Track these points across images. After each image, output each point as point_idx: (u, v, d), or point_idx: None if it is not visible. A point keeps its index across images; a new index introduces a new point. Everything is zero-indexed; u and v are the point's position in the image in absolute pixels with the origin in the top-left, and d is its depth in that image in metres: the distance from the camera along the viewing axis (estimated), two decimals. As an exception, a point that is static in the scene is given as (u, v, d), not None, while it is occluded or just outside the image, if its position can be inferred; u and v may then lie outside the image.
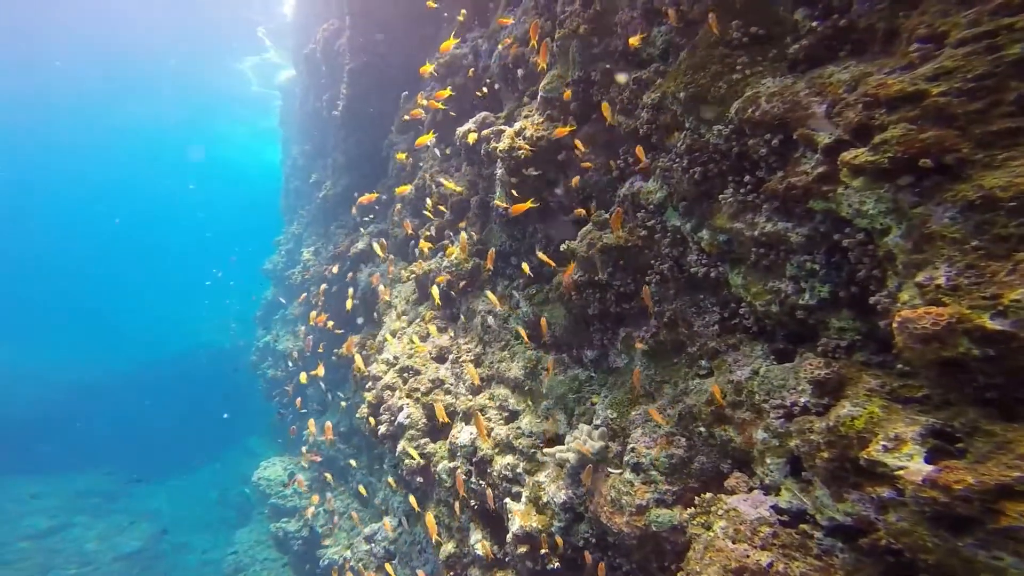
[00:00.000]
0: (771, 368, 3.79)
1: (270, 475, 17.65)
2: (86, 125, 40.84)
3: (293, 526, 15.49)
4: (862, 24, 2.96)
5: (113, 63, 32.25)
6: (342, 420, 15.81)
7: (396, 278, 10.24)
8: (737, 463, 4.17)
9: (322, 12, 15.84)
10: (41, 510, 22.07)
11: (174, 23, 28.70)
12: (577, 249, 5.64)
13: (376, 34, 11.34)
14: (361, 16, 11.73)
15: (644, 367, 5.30)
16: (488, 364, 7.67)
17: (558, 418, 6.51)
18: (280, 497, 16.86)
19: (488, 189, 8.14)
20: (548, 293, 6.89)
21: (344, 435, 15.37)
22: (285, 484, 17.12)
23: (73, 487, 24.64)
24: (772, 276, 3.73)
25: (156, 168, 51.50)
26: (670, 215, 4.70)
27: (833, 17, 3.10)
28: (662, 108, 4.50)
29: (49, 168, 48.11)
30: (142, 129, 42.39)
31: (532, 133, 6.27)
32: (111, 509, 23.39)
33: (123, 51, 31.10)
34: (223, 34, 28.95)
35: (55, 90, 35.11)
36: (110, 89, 35.58)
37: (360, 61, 12.23)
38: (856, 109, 2.71)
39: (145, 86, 35.83)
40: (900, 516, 2.37)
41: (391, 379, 8.68)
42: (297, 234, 22.13)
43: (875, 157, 2.52)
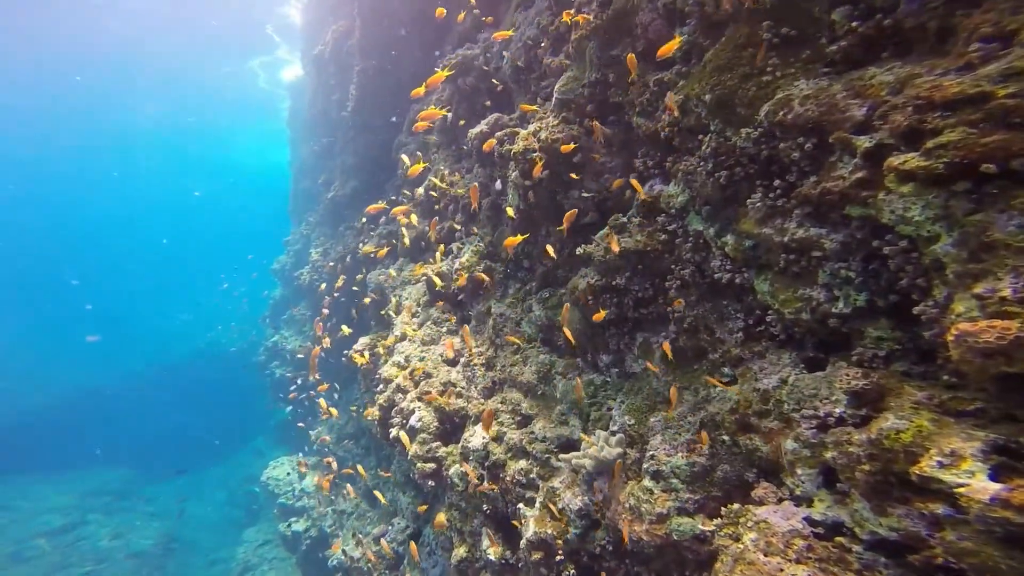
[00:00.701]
0: (801, 377, 3.64)
1: (278, 475, 17.58)
2: (95, 128, 40.87)
3: (301, 526, 15.39)
4: (909, 24, 2.81)
5: (118, 64, 32.21)
6: (350, 422, 15.73)
7: (406, 279, 10.12)
8: (763, 472, 4.03)
9: (332, 13, 15.73)
10: (56, 508, 22.26)
11: (181, 22, 28.59)
12: (594, 253, 5.50)
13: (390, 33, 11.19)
14: (372, 17, 11.60)
15: (663, 373, 5.16)
16: (500, 368, 7.54)
17: (572, 423, 6.37)
18: (289, 496, 16.77)
19: (500, 192, 8.00)
20: (562, 297, 6.76)
21: (352, 435, 15.28)
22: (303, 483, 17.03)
23: (85, 486, 24.76)
24: (802, 283, 3.58)
25: (166, 169, 51.50)
26: (692, 219, 4.56)
27: (877, 17, 2.95)
28: (685, 110, 4.35)
29: (62, 173, 48.18)
30: (151, 130, 42.40)
31: (547, 136, 6.13)
32: (122, 508, 23.49)
33: (128, 52, 31.05)
34: (232, 33, 28.82)
35: (65, 94, 35.16)
36: (117, 91, 35.60)
37: (370, 62, 12.11)
38: (905, 112, 2.57)
39: (152, 87, 35.82)
40: (961, 535, 2.23)
41: (402, 382, 8.56)
42: (306, 235, 22.03)
43: (928, 162, 2.37)
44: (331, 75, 15.62)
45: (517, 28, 7.72)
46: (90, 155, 45.70)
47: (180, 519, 22.95)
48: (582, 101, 5.90)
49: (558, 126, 6.11)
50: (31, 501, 22.81)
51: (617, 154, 5.73)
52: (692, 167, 4.34)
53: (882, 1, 2.93)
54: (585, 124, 5.92)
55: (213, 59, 31.52)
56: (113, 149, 45.48)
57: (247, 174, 50.56)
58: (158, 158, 48.75)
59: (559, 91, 6.16)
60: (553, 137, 6.07)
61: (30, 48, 28.94)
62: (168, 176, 52.90)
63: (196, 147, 45.45)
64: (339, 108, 15.48)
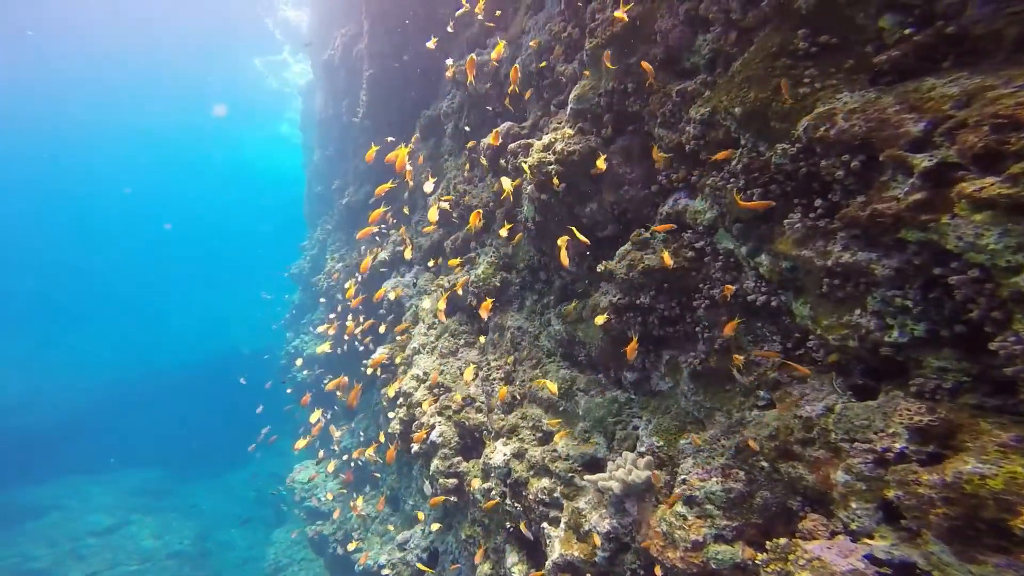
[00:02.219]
0: (850, 406, 3.32)
1: (303, 478, 17.58)
2: (115, 129, 41.16)
3: (328, 529, 15.38)
4: (978, 31, 2.46)
5: (132, 65, 32.32)
6: (370, 426, 15.64)
7: (423, 289, 9.89)
8: (809, 502, 3.72)
9: (340, 18, 15.47)
10: (102, 508, 23.09)
11: (189, 23, 28.49)
12: (616, 271, 5.19)
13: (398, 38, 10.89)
14: (379, 22, 11.32)
15: (692, 393, 4.86)
16: (520, 382, 7.29)
17: (596, 441, 6.10)
18: (314, 500, 16.78)
19: (514, 202, 7.71)
20: (582, 311, 6.46)
21: (373, 437, 15.18)
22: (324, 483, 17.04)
23: (125, 485, 25.44)
24: (848, 309, 3.25)
25: (184, 172, 51.84)
26: (722, 237, 4.23)
27: (937, 23, 2.59)
28: (713, 124, 4.02)
29: (87, 174, 48.77)
30: (169, 131, 42.67)
31: (563, 147, 5.82)
32: (160, 507, 24.05)
33: (142, 53, 31.12)
34: (239, 34, 28.66)
35: (83, 95, 35.42)
36: (132, 92, 35.81)
37: (379, 67, 11.83)
38: (979, 132, 2.23)
39: (167, 90, 36.01)
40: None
41: (421, 396, 8.35)
42: (321, 240, 21.94)
43: (1014, 190, 2.04)
44: (341, 80, 15.38)
45: (527, 33, 7.39)
46: (111, 152, 46.03)
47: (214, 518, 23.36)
48: (599, 111, 5.57)
49: (574, 137, 5.79)
50: (80, 500, 23.69)
51: (637, 165, 5.40)
52: (721, 182, 4.01)
53: (943, 7, 2.58)
54: (604, 134, 5.59)
55: (216, 55, 31.25)
56: (130, 148, 45.73)
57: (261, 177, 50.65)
58: (177, 160, 49.02)
59: (574, 100, 5.83)
60: (569, 149, 5.75)
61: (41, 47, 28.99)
62: (190, 179, 53.28)
63: (207, 147, 45.66)
64: (349, 113, 15.26)
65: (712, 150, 4.12)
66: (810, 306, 3.54)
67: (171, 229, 54.56)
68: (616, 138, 5.52)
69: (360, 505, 11.25)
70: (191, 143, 45.38)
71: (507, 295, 8.01)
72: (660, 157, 4.71)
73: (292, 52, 29.42)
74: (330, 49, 15.35)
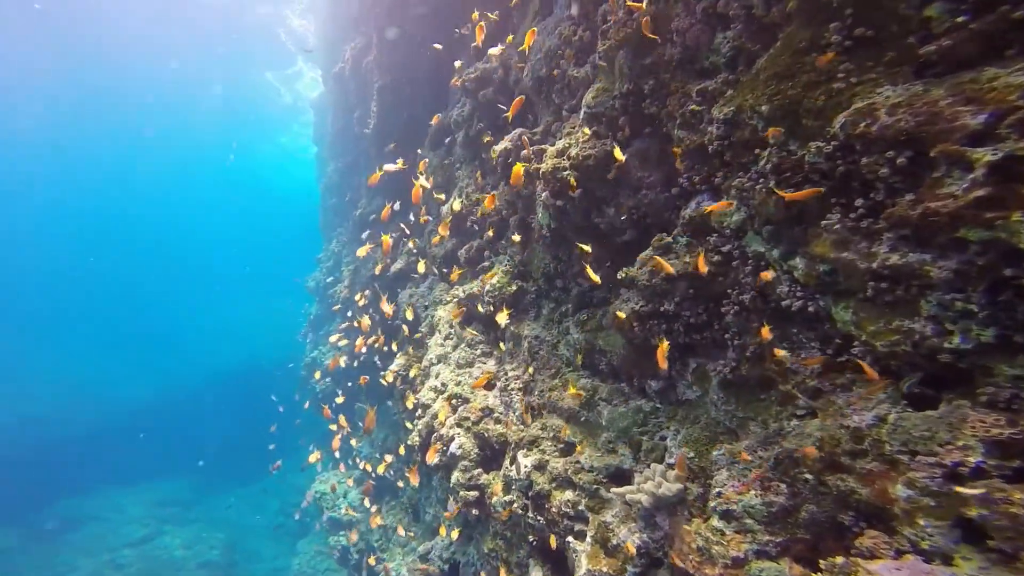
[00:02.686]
0: (906, 416, 3.06)
1: (325, 488, 17.49)
2: (139, 143, 41.78)
3: (349, 540, 15.24)
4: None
5: (150, 80, 32.75)
6: (389, 435, 15.50)
7: (438, 300, 9.73)
8: (864, 516, 3.44)
9: (349, 32, 15.46)
10: (136, 519, 23.54)
11: (207, 38, 28.73)
12: (638, 277, 4.96)
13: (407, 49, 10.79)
14: (387, 40, 11.23)
15: (723, 402, 4.60)
16: (539, 392, 7.06)
17: (622, 452, 5.85)
18: (336, 510, 16.67)
19: (527, 208, 7.51)
20: (601, 319, 6.23)
21: (391, 447, 15.03)
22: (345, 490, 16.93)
23: (156, 496, 25.77)
24: (899, 314, 2.99)
25: (200, 182, 52.33)
26: (751, 240, 3.98)
27: (1001, 9, 2.34)
28: (738, 123, 3.78)
29: (112, 191, 49.52)
30: (191, 144, 43.22)
31: (578, 152, 5.61)
32: (189, 518, 24.32)
33: (162, 71, 31.52)
34: (253, 49, 28.85)
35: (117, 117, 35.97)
36: (151, 108, 36.31)
37: (388, 79, 11.75)
38: (1056, 123, 1.98)
39: (187, 105, 36.47)
40: None
41: (440, 407, 8.16)
42: (336, 252, 21.93)
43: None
44: (351, 92, 15.35)
45: (536, 38, 7.20)
46: (133, 171, 46.71)
47: (240, 528, 23.46)
48: (614, 114, 5.35)
49: (589, 142, 5.58)
50: (115, 512, 24.22)
51: (656, 168, 5.17)
52: (749, 183, 3.77)
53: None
54: (620, 138, 5.37)
55: (232, 71, 31.49)
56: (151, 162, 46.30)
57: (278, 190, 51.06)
58: (194, 171, 49.52)
59: (588, 104, 5.62)
60: (584, 154, 5.54)
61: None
62: (206, 190, 53.81)
63: (228, 160, 46.10)
64: (361, 125, 15.21)
65: (738, 151, 3.88)
66: (853, 311, 3.28)
67: (197, 243, 55.32)
68: (633, 141, 5.30)
69: (378, 519, 11.08)
70: (208, 159, 45.86)
71: (523, 304, 7.80)
72: (678, 152, 4.49)
73: (305, 61, 29.52)
74: (340, 62, 15.34)
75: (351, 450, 16.94)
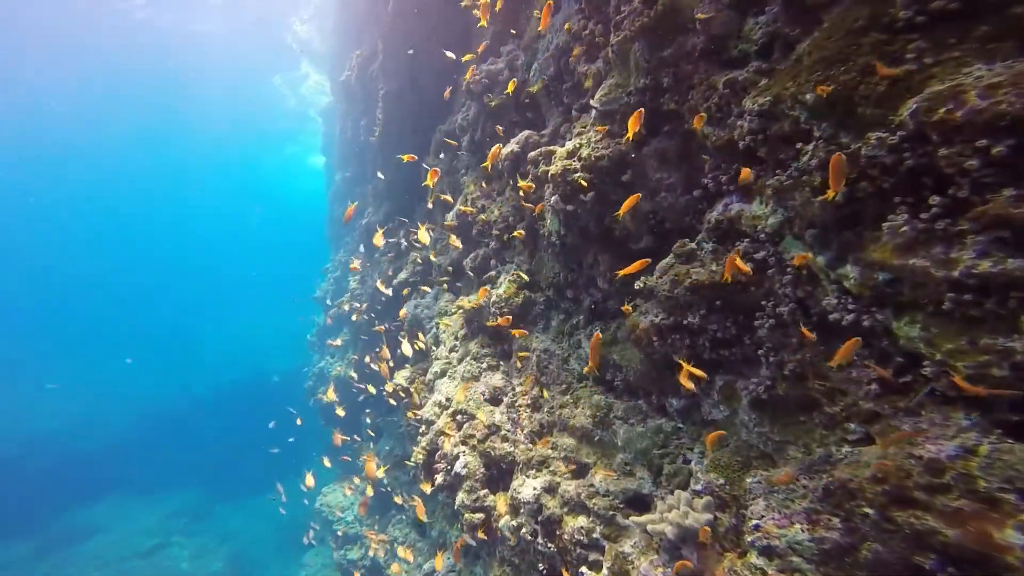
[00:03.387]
0: (1005, 448, 2.51)
1: (331, 501, 16.97)
2: (149, 151, 41.58)
3: (355, 554, 14.69)
4: None
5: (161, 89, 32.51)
6: (396, 446, 14.97)
7: (443, 311, 9.24)
8: (951, 561, 2.87)
9: (356, 40, 15.17)
10: (144, 530, 23.18)
11: (215, 42, 28.40)
12: (658, 288, 4.44)
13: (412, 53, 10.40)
14: (393, 38, 10.86)
15: (756, 423, 4.06)
16: (549, 409, 6.53)
17: (640, 475, 5.30)
18: (342, 524, 16.13)
19: (536, 215, 7.03)
20: (615, 332, 5.71)
21: (398, 461, 14.50)
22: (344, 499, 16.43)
23: (167, 507, 25.34)
24: (986, 330, 2.45)
25: (211, 194, 52.17)
26: (790, 245, 3.46)
27: None
28: (775, 115, 3.27)
29: (117, 201, 49.32)
30: (194, 157, 43.04)
31: (589, 153, 5.12)
32: (197, 529, 23.83)
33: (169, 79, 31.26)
34: (262, 52, 28.46)
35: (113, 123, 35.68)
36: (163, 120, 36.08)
37: (394, 85, 11.36)
38: None
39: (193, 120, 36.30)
40: None
41: (444, 424, 7.64)
42: (344, 262, 21.55)
43: None
44: (358, 100, 15.02)
45: (543, 36, 6.76)
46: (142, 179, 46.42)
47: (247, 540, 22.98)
48: (628, 111, 4.86)
49: (601, 141, 5.10)
50: (126, 522, 23.86)
51: (675, 168, 4.67)
52: (789, 182, 3.26)
53: None
54: (636, 137, 4.88)
55: (242, 76, 31.05)
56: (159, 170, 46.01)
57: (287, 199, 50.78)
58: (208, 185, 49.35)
59: (600, 101, 5.15)
60: (597, 154, 5.06)
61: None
62: (217, 201, 53.65)
63: (243, 168, 45.91)
64: (367, 132, 14.87)
65: (775, 145, 3.37)
66: (921, 326, 2.75)
67: (204, 254, 55.17)
68: (650, 140, 4.81)
69: (375, 544, 10.56)
70: (215, 167, 45.68)
71: (531, 315, 7.29)
72: (707, 146, 3.99)
73: (310, 64, 29.21)
74: (347, 70, 15.02)
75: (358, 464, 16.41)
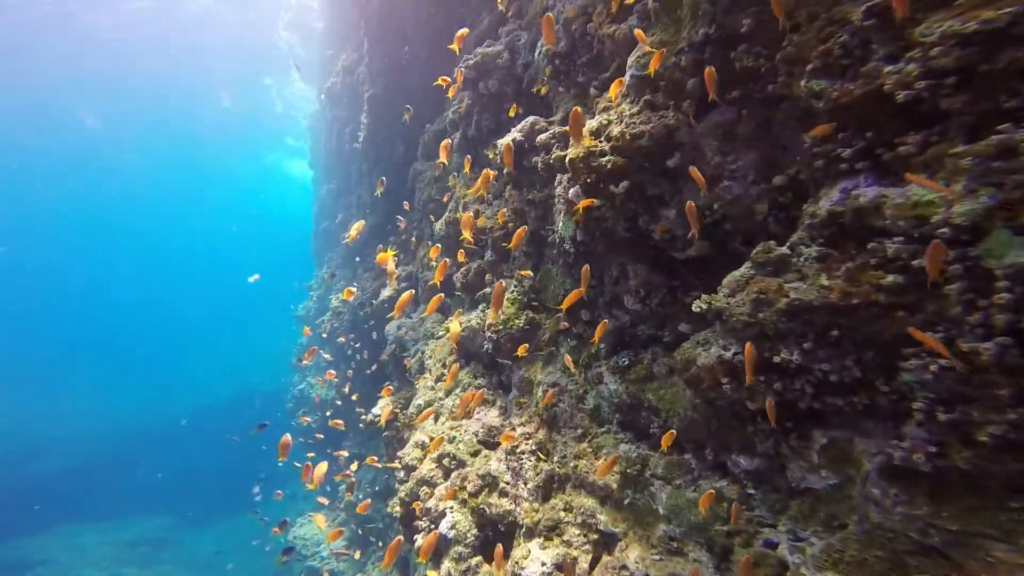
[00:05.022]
0: None
1: (307, 533, 14.98)
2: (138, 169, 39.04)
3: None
4: None
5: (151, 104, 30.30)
6: (377, 477, 13.18)
7: (429, 333, 7.68)
8: None
9: (342, 46, 13.80)
10: (94, 561, 20.19)
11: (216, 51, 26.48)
12: (731, 310, 2.99)
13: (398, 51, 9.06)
14: (379, 35, 9.50)
15: (903, 503, 2.58)
16: (560, 459, 4.99)
17: (695, 556, 3.77)
18: (316, 559, 14.15)
19: (542, 217, 5.59)
20: (651, 365, 4.23)
21: (379, 495, 12.70)
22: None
23: (125, 535, 22.56)
24: None
25: (200, 210, 49.43)
26: (998, 245, 2.04)
27: None
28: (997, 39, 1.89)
29: (101, 218, 46.28)
30: (178, 169, 40.53)
31: (623, 130, 3.71)
32: (158, 559, 21.14)
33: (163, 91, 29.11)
34: (254, 53, 26.52)
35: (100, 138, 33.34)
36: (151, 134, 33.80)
37: (380, 85, 9.96)
38: None
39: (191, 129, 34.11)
40: None
41: (428, 470, 6.03)
42: (326, 279, 19.86)
43: None
44: (343, 108, 13.61)
45: (552, 8, 5.41)
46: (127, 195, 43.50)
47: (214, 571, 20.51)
48: (679, 75, 3.48)
49: (639, 115, 3.69)
50: (73, 553, 20.86)
51: (747, 148, 3.28)
52: (1000, 146, 1.85)
53: None
54: (684, 108, 3.49)
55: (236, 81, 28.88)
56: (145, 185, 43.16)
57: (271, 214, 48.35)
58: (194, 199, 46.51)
59: (636, 66, 3.76)
60: (634, 131, 3.64)
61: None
62: (202, 218, 50.78)
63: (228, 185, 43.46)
64: (352, 140, 13.43)
65: (987, 89, 1.98)
66: None
67: (185, 270, 52.05)
68: (709, 112, 3.42)
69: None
70: (196, 178, 43.07)
71: (535, 341, 5.79)
72: (822, 128, 2.59)
73: (297, 68, 27.59)
74: (332, 76, 13.62)
75: (336, 493, 14.51)
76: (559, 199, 4.80)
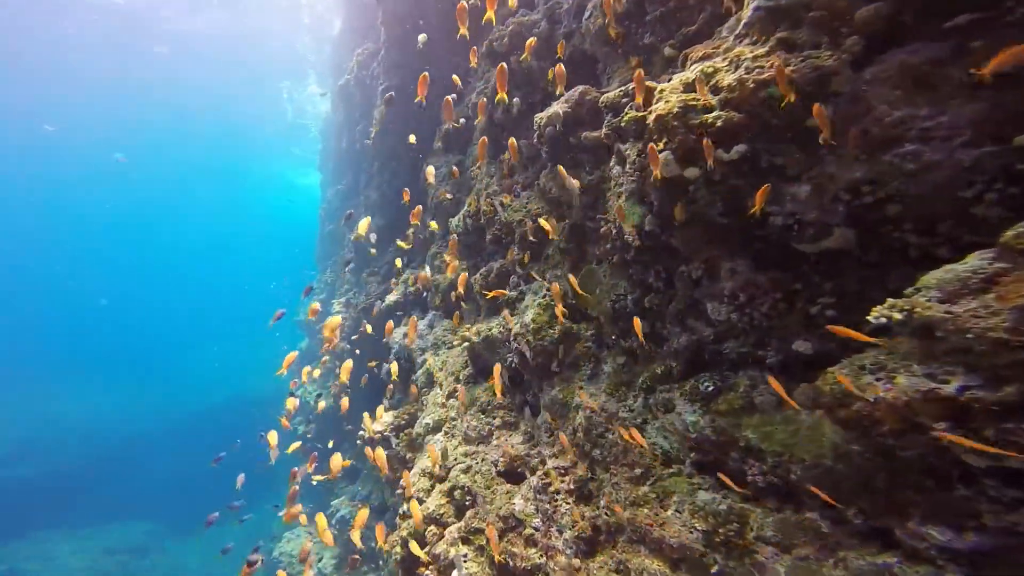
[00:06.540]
0: None
1: (291, 549, 13.36)
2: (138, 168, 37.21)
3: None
4: None
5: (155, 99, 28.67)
6: (373, 492, 11.71)
7: (440, 341, 6.40)
8: None
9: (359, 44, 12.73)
10: (65, 570, 18.13)
11: (219, 53, 25.08)
12: (957, 323, 1.80)
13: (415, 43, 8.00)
14: (396, 25, 8.43)
15: None
16: (607, 504, 3.72)
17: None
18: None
19: (588, 206, 4.40)
20: (752, 394, 3.01)
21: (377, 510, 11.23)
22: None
23: (103, 542, 20.46)
24: None
25: (201, 213, 47.31)
26: None
27: None
28: None
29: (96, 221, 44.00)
30: (189, 172, 38.76)
31: (738, 79, 2.57)
32: (138, 568, 19.11)
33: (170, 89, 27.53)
34: (272, 57, 25.17)
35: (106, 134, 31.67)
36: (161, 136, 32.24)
37: (396, 79, 8.86)
38: None
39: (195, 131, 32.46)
40: None
41: (436, 505, 4.71)
42: (330, 282, 18.47)
43: None
44: (356, 105, 12.49)
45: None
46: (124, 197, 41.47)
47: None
48: (842, 4, 2.34)
49: (766, 58, 2.54)
50: (42, 562, 18.69)
51: (964, 97, 2.13)
52: None
53: None
54: (846, 47, 2.35)
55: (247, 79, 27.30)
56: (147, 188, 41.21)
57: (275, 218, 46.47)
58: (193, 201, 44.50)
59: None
60: (760, 78, 2.49)
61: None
62: (204, 222, 48.68)
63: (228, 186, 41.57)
64: (363, 137, 12.29)
65: None
66: None
67: (183, 273, 49.67)
68: (881, 53, 2.27)
69: None
70: (196, 178, 41.15)
71: (572, 355, 4.55)
72: None
73: (311, 70, 26.34)
74: (346, 73, 12.52)
75: (327, 507, 12.95)
76: (618, 179, 3.63)
